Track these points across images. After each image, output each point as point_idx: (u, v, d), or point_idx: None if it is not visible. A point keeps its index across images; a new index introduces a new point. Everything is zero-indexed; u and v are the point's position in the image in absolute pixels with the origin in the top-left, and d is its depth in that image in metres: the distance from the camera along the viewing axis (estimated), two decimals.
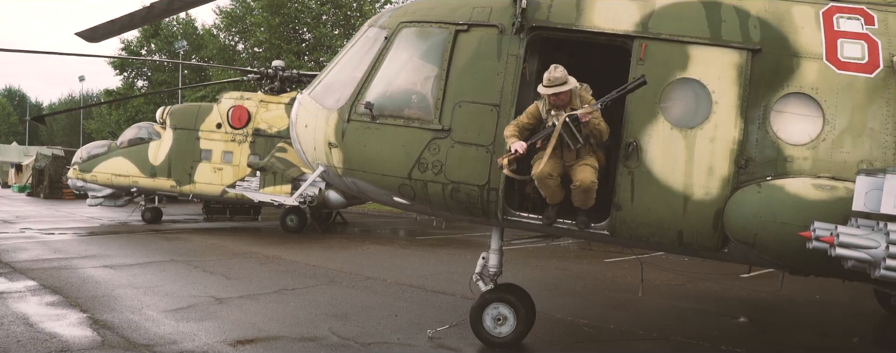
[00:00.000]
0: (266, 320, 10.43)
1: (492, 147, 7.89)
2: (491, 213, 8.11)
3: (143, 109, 57.54)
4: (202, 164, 24.26)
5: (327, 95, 8.96)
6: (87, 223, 25.99)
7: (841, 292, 13.13)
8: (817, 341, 10.30)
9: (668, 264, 16.58)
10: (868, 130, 7.36)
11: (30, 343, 8.87)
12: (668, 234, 7.67)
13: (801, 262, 7.04)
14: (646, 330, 10.44)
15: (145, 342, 9.05)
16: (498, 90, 7.99)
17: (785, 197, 7.02)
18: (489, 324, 8.87)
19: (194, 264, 15.89)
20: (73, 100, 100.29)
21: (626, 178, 7.63)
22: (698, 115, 7.57)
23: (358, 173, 8.63)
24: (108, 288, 12.66)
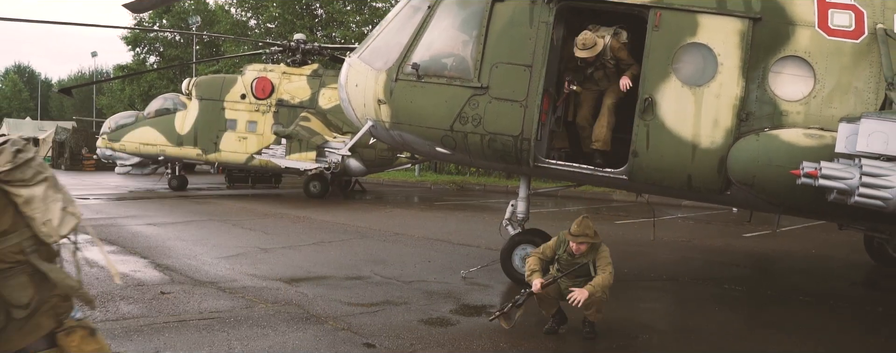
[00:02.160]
0: (312, 264, 11.59)
1: (525, 102, 9.02)
2: (523, 160, 9.25)
3: (156, 84, 58.41)
4: (227, 133, 25.30)
5: (375, 58, 10.08)
6: (116, 190, 27.12)
7: (835, 248, 14.32)
8: (811, 284, 11.43)
9: (676, 226, 17.78)
10: (853, 88, 8.47)
11: (107, 280, 9.97)
12: (678, 178, 8.82)
13: (792, 199, 8.21)
14: (657, 274, 11.60)
15: (208, 280, 10.20)
16: (530, 53, 9.11)
17: (779, 144, 8.16)
18: (517, 263, 10.01)
19: (231, 222, 17.04)
20: (83, 76, 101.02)
21: (642, 129, 8.77)
22: (705, 74, 8.69)
23: (404, 127, 9.78)
24: (159, 241, 13.81)
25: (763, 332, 8.27)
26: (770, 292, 10.50)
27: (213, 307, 8.54)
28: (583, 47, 9.17)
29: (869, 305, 10.11)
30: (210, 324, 7.76)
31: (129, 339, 7.14)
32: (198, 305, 8.69)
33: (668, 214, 20.59)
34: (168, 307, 8.53)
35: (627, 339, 7.68)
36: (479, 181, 33.38)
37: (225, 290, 9.52)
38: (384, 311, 8.50)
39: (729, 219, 19.00)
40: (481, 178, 34.79)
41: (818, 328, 8.52)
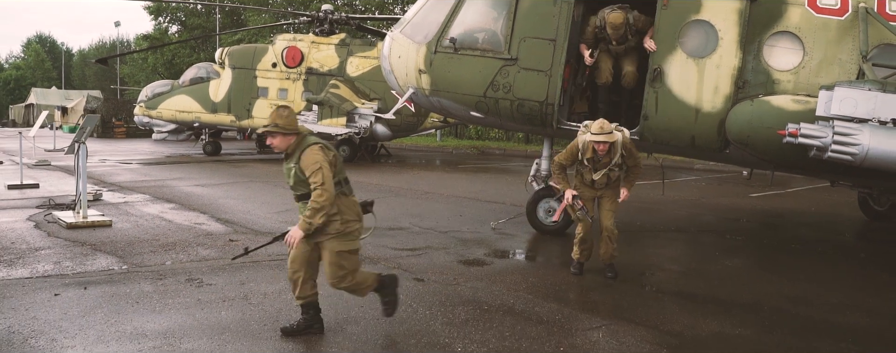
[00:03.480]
0: None
1: (549, 71, 10.29)
2: (548, 123, 10.54)
3: (179, 52, 59.51)
4: (259, 100, 26.55)
5: (416, 32, 11.35)
6: (152, 156, 28.44)
7: (834, 206, 15.58)
8: (806, 235, 12.69)
9: (688, 186, 19.03)
10: (838, 60, 9.70)
11: (179, 231, 11.36)
12: (683, 138, 10.09)
13: (780, 156, 9.48)
14: (666, 226, 12.89)
15: (266, 230, 11.53)
16: (554, 28, 10.37)
17: (770, 109, 9.42)
18: (541, 215, 11.32)
19: (272, 183, 18.37)
20: (104, 45, 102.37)
21: (652, 95, 10.03)
22: (708, 47, 9.93)
23: (442, 93, 11.07)
24: (211, 199, 15.15)
25: (758, 272, 9.56)
26: (767, 242, 11.75)
27: (277, 252, 9.81)
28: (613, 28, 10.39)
29: (853, 251, 11.38)
30: (279, 264, 9.08)
31: (216, 274, 8.48)
32: (264, 250, 9.99)
33: (680, 176, 21.82)
34: (239, 252, 9.86)
35: (640, 276, 8.95)
36: (498, 145, 34.62)
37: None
38: (427, 254, 9.82)
39: (738, 181, 20.17)
40: (501, 142, 36.01)
41: (806, 269, 9.78)
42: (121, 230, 11.12)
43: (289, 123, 6.08)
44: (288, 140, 6.14)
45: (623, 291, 8.20)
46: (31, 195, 15.13)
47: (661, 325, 6.90)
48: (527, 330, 6.59)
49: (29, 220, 11.93)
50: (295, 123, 6.15)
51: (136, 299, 7.36)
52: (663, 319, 7.11)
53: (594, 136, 8.18)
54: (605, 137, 8.13)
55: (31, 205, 13.64)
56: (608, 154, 8.29)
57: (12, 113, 78.66)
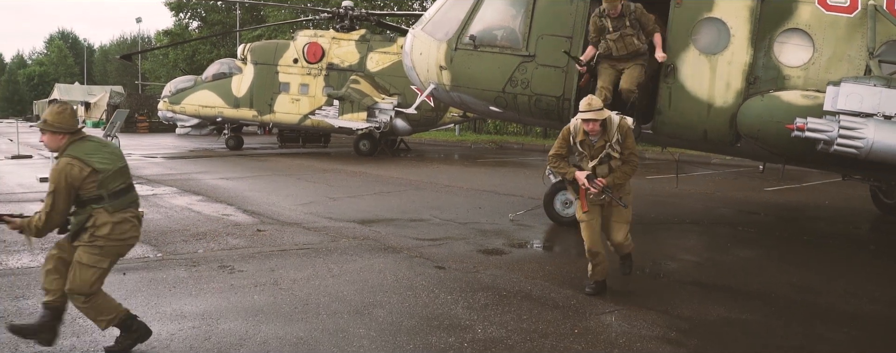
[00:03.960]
0: (377, 210, 13.30)
1: (566, 68, 10.62)
2: (564, 117, 10.86)
3: (199, 48, 60.03)
4: (281, 95, 26.99)
5: (437, 30, 11.72)
6: (176, 150, 28.95)
7: (847, 200, 15.84)
8: (818, 228, 12.97)
9: (704, 180, 19.33)
10: (846, 56, 9.99)
11: (208, 221, 11.78)
12: (696, 132, 10.41)
13: (790, 150, 9.79)
14: (681, 218, 13.21)
15: (292, 221, 11.92)
16: (570, 26, 10.71)
17: (780, 103, 9.73)
18: (558, 207, 11.66)
19: (295, 176, 18.80)
20: (125, 41, 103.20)
21: (666, 91, 10.35)
22: (720, 44, 10.24)
23: (462, 89, 11.44)
24: (236, 192, 15.57)
25: (768, 262, 9.87)
26: (779, 234, 12.04)
27: (304, 241, 10.27)
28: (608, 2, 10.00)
29: (863, 244, 11.68)
30: (306, 252, 9.50)
31: (247, 262, 8.88)
32: (291, 239, 10.43)
33: (697, 170, 22.08)
34: (267, 241, 10.27)
35: (653, 265, 9.28)
36: (517, 140, 34.95)
37: (309, 229, 11.25)
38: (447, 244, 10.19)
39: (754, 176, 20.42)
40: (519, 137, 36.33)
41: (815, 260, 10.08)
42: (152, 221, 11.53)
43: (59, 121, 5.48)
44: (57, 139, 5.53)
45: (636, 279, 8.53)
46: None
47: (672, 310, 7.25)
48: (543, 314, 6.95)
49: None
50: (68, 121, 5.52)
51: (173, 284, 7.77)
52: (674, 304, 7.45)
53: (582, 113, 7.31)
54: (594, 114, 7.22)
55: None
56: (602, 136, 7.36)
57: (36, 108, 79.52)
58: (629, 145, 7.46)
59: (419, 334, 6.28)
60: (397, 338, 6.15)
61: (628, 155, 7.47)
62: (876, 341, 6.62)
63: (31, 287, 7.48)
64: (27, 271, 8.18)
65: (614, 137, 7.37)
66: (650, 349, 6.08)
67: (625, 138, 7.43)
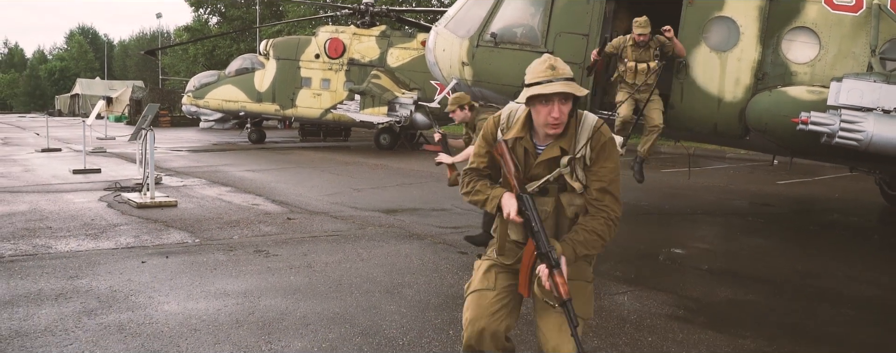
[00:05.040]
0: (401, 200, 13.83)
1: (583, 64, 11.10)
2: None
3: (219, 43, 60.59)
4: (303, 90, 27.53)
5: (459, 27, 12.22)
6: (200, 144, 29.48)
7: (858, 193, 16.28)
8: (827, 218, 13.43)
9: (718, 174, 19.77)
10: (852, 53, 10.42)
11: (239, 210, 12.32)
12: (706, 125, 10.87)
13: (795, 143, 10.24)
14: (693, 210, 13.68)
15: (320, 211, 12.45)
16: (587, 24, 11.20)
17: (787, 99, 10.18)
18: None
19: (319, 169, 19.35)
20: (145, 36, 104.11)
21: (678, 86, 10.82)
22: (730, 42, 10.70)
23: (484, 84, 11.95)
24: (263, 183, 16.12)
25: (775, 250, 10.35)
26: (788, 224, 12.51)
27: (332, 229, 10.80)
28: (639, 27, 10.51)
29: (868, 233, 12.14)
30: (336, 238, 10.03)
31: (281, 247, 9.41)
32: (320, 226, 10.96)
33: (711, 164, 22.52)
34: (298, 228, 10.81)
35: (665, 252, 9.78)
36: None
37: (336, 217, 11.78)
38: (469, 231, 10.67)
39: (766, 169, 20.83)
40: None
41: (820, 248, 10.56)
42: (186, 210, 12.09)
43: None
44: None
45: (648, 264, 9.04)
46: (95, 179, 16.14)
47: (680, 291, 7.74)
48: None
49: (100, 200, 12.94)
50: None
51: (213, 266, 8.31)
52: (683, 287, 7.95)
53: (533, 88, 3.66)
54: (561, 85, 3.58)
55: (98, 188, 14.66)
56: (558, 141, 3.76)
57: (58, 103, 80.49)
58: (605, 173, 3.74)
59: (446, 309, 6.79)
60: (426, 313, 6.66)
61: (599, 193, 3.74)
62: (871, 321, 7.08)
63: (81, 268, 8.03)
64: (76, 255, 8.73)
65: (581, 150, 3.72)
66: (659, 324, 6.57)
67: (599, 156, 3.74)
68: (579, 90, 3.57)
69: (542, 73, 3.61)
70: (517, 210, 3.65)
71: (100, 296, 6.99)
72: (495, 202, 3.77)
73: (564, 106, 3.61)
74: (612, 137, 3.79)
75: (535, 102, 3.63)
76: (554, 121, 3.62)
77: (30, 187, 14.61)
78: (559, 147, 3.73)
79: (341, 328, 6.16)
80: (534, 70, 3.65)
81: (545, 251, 3.53)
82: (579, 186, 3.76)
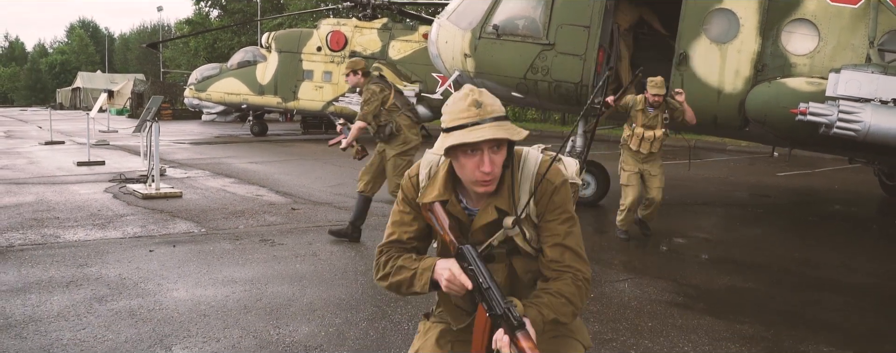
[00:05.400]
0: None
1: (584, 56, 11.23)
2: (583, 102, 11.48)
3: (221, 37, 60.62)
4: (305, 83, 27.60)
5: (461, 19, 12.34)
6: (202, 136, 29.61)
7: (857, 185, 16.39)
8: (824, 209, 13.55)
9: (718, 166, 19.89)
10: (850, 45, 10.53)
11: (244, 201, 12.44)
12: (706, 117, 10.97)
13: (794, 133, 10.36)
14: (693, 200, 13.80)
15: (324, 201, 12.58)
16: (588, 16, 11.31)
17: (786, 90, 10.30)
18: None
19: (322, 160, 19.47)
20: (146, 30, 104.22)
21: (678, 78, 10.94)
22: (730, 34, 10.81)
23: (486, 75, 12.06)
24: (266, 174, 16.24)
25: (773, 239, 10.47)
26: (787, 215, 12.61)
27: (337, 218, 10.92)
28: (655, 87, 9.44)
29: (866, 223, 12.26)
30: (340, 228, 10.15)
31: (285, 236, 9.54)
32: (324, 216, 11.09)
33: (712, 156, 22.63)
34: (302, 218, 10.94)
35: (665, 241, 9.90)
36: (535, 127, 35.46)
37: (340, 208, 11.90)
38: None
39: (767, 162, 20.93)
40: (537, 124, 36.86)
41: (819, 238, 10.66)
42: (191, 200, 12.22)
43: None
44: None
45: (648, 253, 9.18)
46: (100, 171, 16.27)
47: (680, 279, 7.87)
48: None
49: (106, 192, 13.06)
50: None
51: (220, 255, 8.44)
52: (682, 274, 8.08)
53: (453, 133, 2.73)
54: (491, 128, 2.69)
55: (103, 179, 14.78)
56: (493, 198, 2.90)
57: (60, 96, 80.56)
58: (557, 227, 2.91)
59: None
60: (430, 298, 6.77)
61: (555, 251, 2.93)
62: (867, 307, 7.20)
63: (90, 257, 8.16)
64: (84, 244, 8.86)
65: (523, 199, 2.89)
66: (659, 310, 6.70)
67: (548, 210, 2.90)
68: (516, 133, 2.72)
69: (463, 112, 2.71)
70: (459, 270, 2.72)
71: (110, 283, 7.12)
72: (427, 275, 2.81)
73: (497, 155, 2.74)
74: (564, 180, 2.91)
75: (458, 153, 2.74)
76: (484, 176, 2.75)
77: (35, 179, 14.73)
78: (494, 207, 2.86)
79: (347, 314, 6.29)
80: (453, 109, 2.75)
81: (501, 313, 2.58)
82: (531, 248, 2.93)
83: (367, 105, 8.93)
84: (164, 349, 5.39)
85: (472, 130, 2.66)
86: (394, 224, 3.09)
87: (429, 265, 2.84)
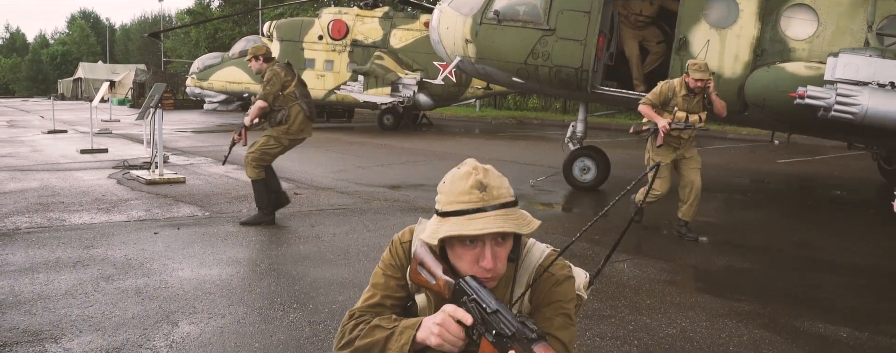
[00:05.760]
0: (405, 176, 14.05)
1: (585, 41, 11.29)
2: (582, 87, 11.55)
3: (222, 26, 60.63)
4: (306, 71, 27.58)
5: (462, 5, 12.40)
6: (204, 125, 29.68)
7: (858, 171, 16.48)
8: (827, 193, 13.64)
9: (719, 153, 19.96)
10: (849, 30, 10.60)
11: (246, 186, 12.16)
12: None
13: (793, 117, 10.45)
14: None
15: (326, 186, 12.67)
16: (589, 1, 11.37)
17: (785, 74, 10.38)
18: (577, 173, 12.39)
19: (324, 148, 19.52)
20: (147, 20, 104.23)
21: (677, 62, 11.00)
22: (729, 19, 10.88)
23: (487, 61, 12.14)
24: None
25: (772, 223, 10.56)
26: (786, 200, 12.72)
27: (339, 203, 11.02)
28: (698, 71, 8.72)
29: (865, 207, 12.37)
30: (342, 212, 10.25)
31: (289, 219, 9.64)
32: (326, 201, 11.19)
33: (713, 144, 22.72)
34: (305, 202, 11.03)
35: (665, 224, 9.98)
36: (537, 116, 35.57)
37: (342, 192, 11.99)
38: None
39: (768, 149, 21.02)
40: (539, 112, 36.94)
41: (817, 222, 10.77)
42: (194, 186, 12.31)
43: None
44: None
45: (647, 235, 9.27)
46: (103, 158, 16.35)
47: (679, 260, 7.97)
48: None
49: (110, 177, 13.16)
50: None
51: (224, 237, 8.54)
52: (681, 255, 8.18)
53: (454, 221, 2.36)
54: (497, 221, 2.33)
55: (106, 166, 14.88)
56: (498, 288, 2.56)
57: (61, 87, 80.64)
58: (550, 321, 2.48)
59: None
60: None
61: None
62: (864, 287, 7.30)
63: (96, 239, 8.25)
64: (90, 227, 8.95)
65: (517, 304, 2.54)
66: (657, 288, 6.79)
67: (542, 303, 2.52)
68: (525, 224, 2.31)
69: (464, 195, 2.31)
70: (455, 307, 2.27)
71: (116, 264, 7.22)
72: (410, 333, 2.32)
73: (502, 248, 2.34)
74: (568, 277, 2.56)
75: (455, 243, 2.36)
76: (484, 274, 2.36)
77: (39, 166, 14.83)
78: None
79: (350, 292, 6.38)
80: (451, 190, 2.38)
81: (513, 331, 2.11)
82: None
83: (268, 85, 9.07)
84: (171, 324, 5.49)
85: (472, 219, 2.25)
86: (375, 287, 2.62)
87: (412, 323, 2.35)
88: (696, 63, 8.60)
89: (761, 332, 5.70)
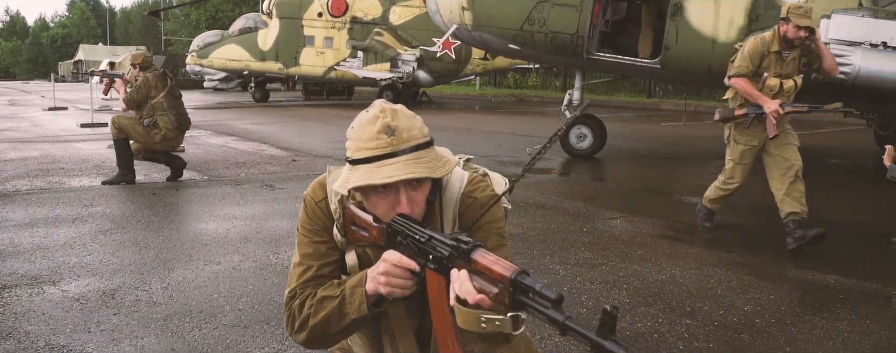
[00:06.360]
0: None
1: (580, 7, 11.33)
2: (578, 54, 11.60)
3: (222, 7, 60.65)
4: (306, 48, 27.64)
5: None
6: (204, 103, 29.70)
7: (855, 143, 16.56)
8: (822, 161, 13.71)
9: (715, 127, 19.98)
10: None
11: (245, 154, 12.62)
12: (700, 67, 11.09)
13: None
14: (690, 153, 13.97)
15: (324, 155, 12.76)
16: None
17: None
18: (573, 140, 12.46)
19: (323, 121, 19.63)
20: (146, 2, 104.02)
21: (672, 28, 11.04)
22: None
23: (483, 28, 12.18)
24: (268, 134, 16.40)
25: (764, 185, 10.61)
26: None
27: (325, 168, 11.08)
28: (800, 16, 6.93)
29: (859, 173, 12.48)
30: None
31: (286, 182, 9.73)
32: (324, 166, 11.16)
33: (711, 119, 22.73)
34: (303, 168, 11.12)
35: (659, 186, 10.08)
36: (536, 94, 35.55)
37: (340, 160, 12.03)
38: None
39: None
40: (538, 90, 36.93)
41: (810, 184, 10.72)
42: (194, 154, 12.37)
43: None
44: None
45: (641, 196, 9.37)
46: (103, 132, 16.38)
47: (671, 217, 8.07)
48: (556, 217, 7.77)
49: (110, 148, 13.20)
50: None
51: (222, 197, 8.64)
52: (673, 214, 8.28)
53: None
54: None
55: (106, 139, 14.90)
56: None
57: (62, 69, 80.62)
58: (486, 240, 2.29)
59: None
60: None
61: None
62: (854, 239, 7.43)
63: (95, 199, 8.35)
64: (89, 189, 9.05)
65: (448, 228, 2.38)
66: (649, 242, 6.88)
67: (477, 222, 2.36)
68: (439, 167, 2.16)
69: (371, 141, 2.14)
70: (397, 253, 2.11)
71: (114, 219, 7.32)
72: (360, 291, 2.18)
73: (417, 192, 2.20)
74: (492, 196, 2.40)
75: (369, 193, 2.21)
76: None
77: (40, 138, 14.94)
78: None
79: None
80: (359, 135, 2.20)
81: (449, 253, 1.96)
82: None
83: (135, 91, 9.49)
84: (167, 270, 5.59)
85: (382, 166, 2.09)
86: (307, 258, 2.37)
87: (357, 280, 2.21)
88: (799, 6, 6.65)
89: (750, 278, 5.79)
